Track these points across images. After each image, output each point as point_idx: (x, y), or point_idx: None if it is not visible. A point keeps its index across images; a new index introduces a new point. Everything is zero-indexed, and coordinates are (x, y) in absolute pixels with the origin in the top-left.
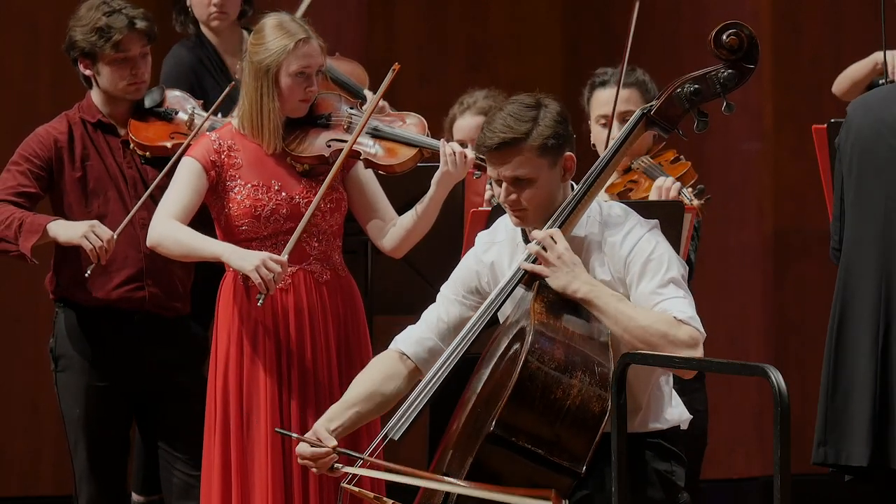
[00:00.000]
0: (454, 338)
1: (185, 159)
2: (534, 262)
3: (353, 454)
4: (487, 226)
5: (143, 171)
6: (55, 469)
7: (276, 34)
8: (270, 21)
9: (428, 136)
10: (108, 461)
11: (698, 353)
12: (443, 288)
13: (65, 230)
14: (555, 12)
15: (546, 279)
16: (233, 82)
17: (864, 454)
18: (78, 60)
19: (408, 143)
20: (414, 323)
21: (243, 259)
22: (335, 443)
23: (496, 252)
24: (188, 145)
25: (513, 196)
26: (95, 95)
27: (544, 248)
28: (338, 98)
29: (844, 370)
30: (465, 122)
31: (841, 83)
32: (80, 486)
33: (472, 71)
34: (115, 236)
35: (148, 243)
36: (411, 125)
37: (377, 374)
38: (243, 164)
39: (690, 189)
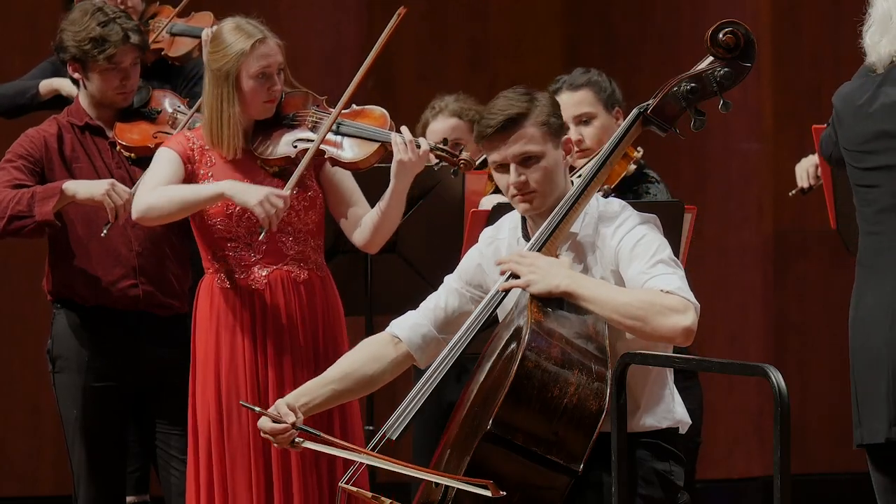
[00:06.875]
0: (449, 329)
1: (161, 149)
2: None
3: (312, 431)
4: (488, 226)
5: (132, 171)
6: (55, 469)
7: (232, 38)
8: (227, 26)
9: (391, 129)
10: (106, 462)
11: (691, 319)
12: (447, 277)
13: (84, 187)
14: (555, 12)
15: (528, 290)
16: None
17: (882, 430)
18: (67, 63)
19: (368, 139)
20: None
21: (245, 193)
22: (294, 419)
23: (497, 249)
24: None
25: (522, 177)
26: (83, 98)
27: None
28: (304, 95)
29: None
30: (439, 125)
31: None
32: (79, 487)
33: (472, 71)
34: (131, 194)
35: (134, 216)
36: (372, 119)
37: (362, 355)
38: (216, 164)
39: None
